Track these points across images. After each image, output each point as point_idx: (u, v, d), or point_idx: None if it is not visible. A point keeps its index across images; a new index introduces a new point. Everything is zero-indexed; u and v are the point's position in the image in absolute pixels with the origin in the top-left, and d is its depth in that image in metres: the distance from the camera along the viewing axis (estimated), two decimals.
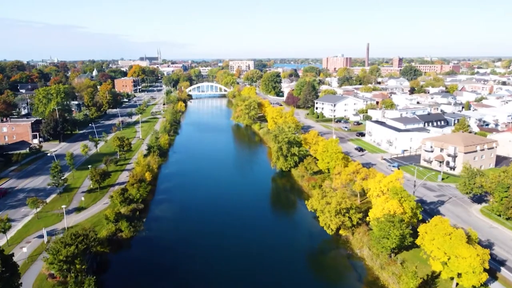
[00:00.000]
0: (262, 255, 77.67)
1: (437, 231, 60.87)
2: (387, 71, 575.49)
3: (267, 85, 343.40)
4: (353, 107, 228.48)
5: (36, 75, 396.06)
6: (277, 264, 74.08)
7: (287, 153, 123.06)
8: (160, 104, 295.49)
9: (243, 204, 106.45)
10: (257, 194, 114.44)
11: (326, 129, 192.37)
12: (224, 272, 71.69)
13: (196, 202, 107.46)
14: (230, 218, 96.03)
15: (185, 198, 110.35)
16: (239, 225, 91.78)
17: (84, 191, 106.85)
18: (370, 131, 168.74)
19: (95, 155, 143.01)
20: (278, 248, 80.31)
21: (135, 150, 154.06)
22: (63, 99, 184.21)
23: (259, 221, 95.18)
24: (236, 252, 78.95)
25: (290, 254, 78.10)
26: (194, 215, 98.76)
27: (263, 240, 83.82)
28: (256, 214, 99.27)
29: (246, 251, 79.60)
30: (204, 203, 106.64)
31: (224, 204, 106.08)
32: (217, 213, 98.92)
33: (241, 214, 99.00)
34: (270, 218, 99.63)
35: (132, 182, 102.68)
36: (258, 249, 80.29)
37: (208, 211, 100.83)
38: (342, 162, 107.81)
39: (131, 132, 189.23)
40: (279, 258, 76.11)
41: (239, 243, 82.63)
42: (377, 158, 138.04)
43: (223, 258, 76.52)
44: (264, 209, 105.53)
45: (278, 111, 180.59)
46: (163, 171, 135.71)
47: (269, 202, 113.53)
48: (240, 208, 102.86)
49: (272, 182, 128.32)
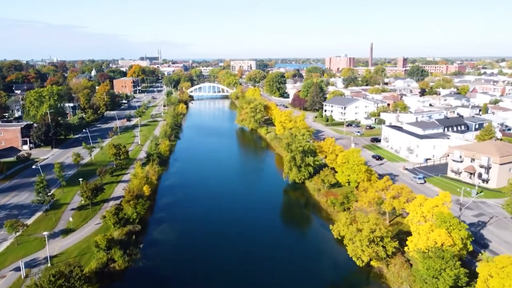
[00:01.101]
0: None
1: (507, 276, 48.46)
2: (391, 72, 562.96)
3: (272, 86, 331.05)
4: (364, 110, 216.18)
5: (33, 75, 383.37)
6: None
7: (301, 163, 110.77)
8: (161, 106, 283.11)
9: (253, 223, 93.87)
10: (268, 211, 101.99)
11: (337, 134, 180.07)
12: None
13: (200, 221, 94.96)
14: (239, 241, 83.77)
15: (188, 216, 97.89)
16: (250, 251, 79.36)
17: (74, 208, 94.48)
18: (387, 137, 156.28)
19: (88, 165, 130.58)
20: (297, 280, 68.00)
21: (133, 157, 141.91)
22: (56, 101, 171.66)
23: (273, 244, 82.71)
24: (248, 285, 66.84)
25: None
26: (198, 236, 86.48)
27: (278, 271, 71.46)
28: (269, 236, 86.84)
29: (259, 282, 67.49)
30: (209, 222, 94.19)
31: (232, 223, 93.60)
32: (224, 234, 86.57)
33: (252, 237, 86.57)
34: (285, 242, 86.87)
35: (128, 198, 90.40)
36: (273, 280, 68.11)
37: (213, 232, 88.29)
38: (365, 175, 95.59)
39: (129, 137, 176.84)
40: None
41: (250, 274, 70.41)
42: (398, 168, 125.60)
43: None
44: (277, 229, 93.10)
45: (287, 115, 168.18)
46: (163, 182, 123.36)
47: (282, 221, 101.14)
48: (251, 229, 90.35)
49: (284, 196, 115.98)
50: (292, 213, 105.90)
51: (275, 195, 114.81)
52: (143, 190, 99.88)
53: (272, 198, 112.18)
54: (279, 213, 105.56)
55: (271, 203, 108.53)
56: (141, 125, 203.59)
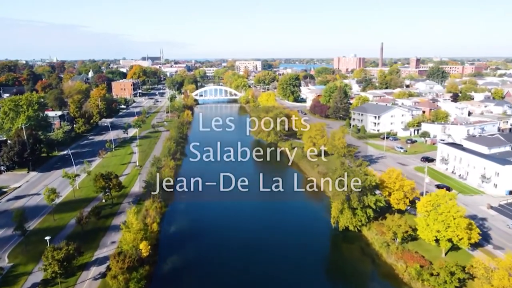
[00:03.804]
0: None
1: None
2: (404, 73, 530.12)
3: (285, 89, 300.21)
4: (401, 119, 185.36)
5: (24, 77, 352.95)
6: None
7: (358, 204, 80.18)
8: (163, 112, 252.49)
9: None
10: (311, 273, 71.46)
11: (376, 150, 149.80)
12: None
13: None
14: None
15: (201, 279, 67.70)
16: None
17: (37, 283, 64.10)
18: (446, 157, 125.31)
19: (67, 203, 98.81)
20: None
21: (129, 185, 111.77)
22: (36, 111, 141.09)
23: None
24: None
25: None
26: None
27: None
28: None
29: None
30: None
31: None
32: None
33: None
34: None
35: (116, 272, 59.97)
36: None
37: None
38: (465, 233, 64.94)
39: (126, 155, 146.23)
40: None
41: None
42: (479, 206, 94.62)
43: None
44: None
45: (319, 129, 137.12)
46: (166, 226, 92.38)
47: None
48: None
49: (333, 251, 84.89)
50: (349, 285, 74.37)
51: (319, 249, 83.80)
52: (139, 247, 69.64)
53: (315, 254, 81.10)
54: (329, 279, 74.91)
55: (315, 262, 77.77)
56: (140, 137, 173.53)
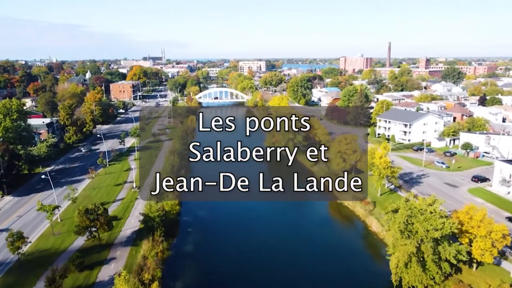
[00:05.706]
0: None
1: None
2: (415, 73, 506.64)
3: (296, 91, 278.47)
4: (434, 128, 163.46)
5: (18, 79, 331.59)
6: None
7: (433, 257, 58.46)
8: (165, 117, 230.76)
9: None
10: None
11: (413, 165, 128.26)
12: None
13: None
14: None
15: None
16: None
17: None
18: (508, 179, 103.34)
19: (42, 247, 76.90)
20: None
21: (124, 215, 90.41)
22: (16, 121, 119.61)
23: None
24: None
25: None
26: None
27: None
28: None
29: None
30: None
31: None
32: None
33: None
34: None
35: None
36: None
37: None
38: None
39: (121, 171, 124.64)
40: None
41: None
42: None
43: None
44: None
45: (350, 142, 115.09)
46: (168, 279, 70.69)
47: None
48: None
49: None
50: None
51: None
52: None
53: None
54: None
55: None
56: (139, 148, 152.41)
